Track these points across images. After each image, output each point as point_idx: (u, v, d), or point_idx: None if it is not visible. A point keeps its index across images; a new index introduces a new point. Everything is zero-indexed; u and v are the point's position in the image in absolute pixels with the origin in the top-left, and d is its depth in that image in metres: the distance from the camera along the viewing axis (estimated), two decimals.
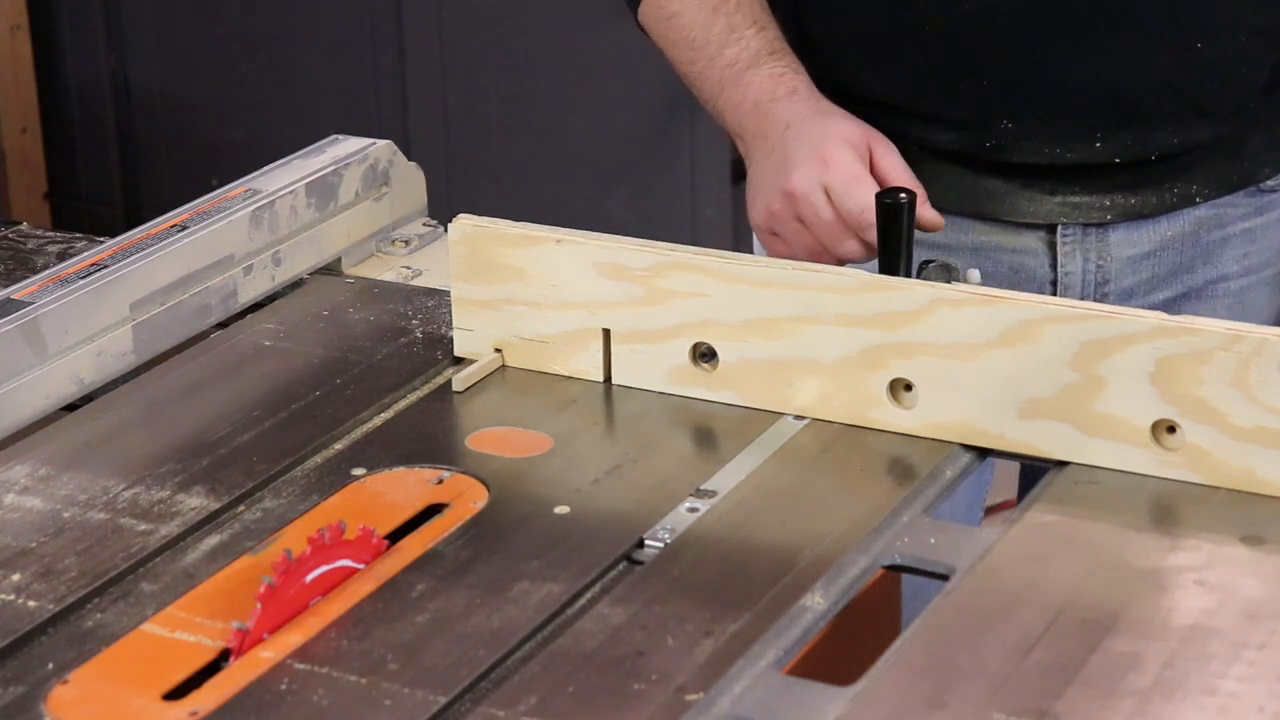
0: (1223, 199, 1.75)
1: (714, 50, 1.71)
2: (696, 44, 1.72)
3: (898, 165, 1.63)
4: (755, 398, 1.47)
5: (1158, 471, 1.36)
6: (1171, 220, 1.74)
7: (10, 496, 1.39)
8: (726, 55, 1.71)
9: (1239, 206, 1.76)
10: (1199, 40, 1.66)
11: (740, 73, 1.69)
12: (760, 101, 1.68)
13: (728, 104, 1.70)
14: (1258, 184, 1.76)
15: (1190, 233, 1.75)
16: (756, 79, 1.69)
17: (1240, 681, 1.15)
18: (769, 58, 1.70)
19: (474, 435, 1.45)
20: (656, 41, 1.78)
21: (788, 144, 1.64)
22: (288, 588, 1.23)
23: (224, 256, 1.64)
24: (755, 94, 1.68)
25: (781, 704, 1.15)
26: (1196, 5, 1.66)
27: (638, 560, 1.30)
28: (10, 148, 4.09)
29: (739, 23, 1.71)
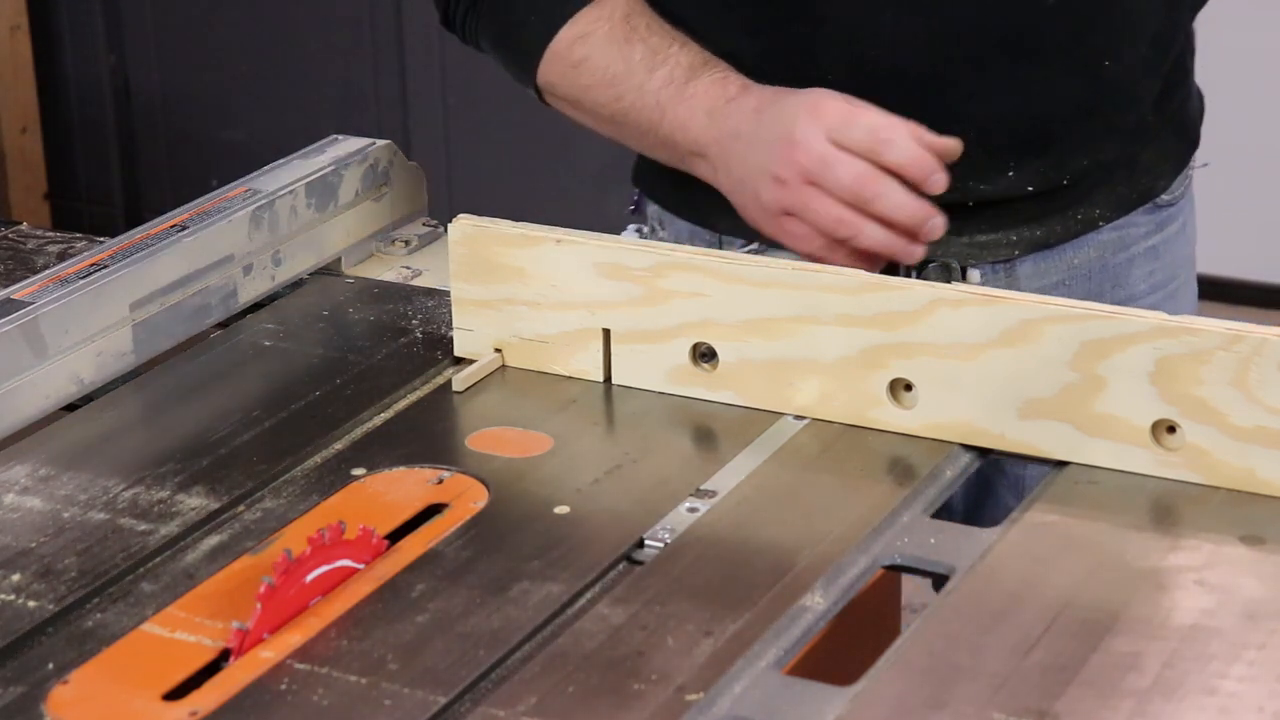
0: (1124, 219, 1.72)
1: (640, 78, 1.59)
2: (618, 79, 1.60)
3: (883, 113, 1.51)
4: (755, 398, 1.47)
5: (1158, 471, 1.36)
6: (1077, 248, 1.71)
7: (10, 496, 1.39)
8: (657, 77, 1.58)
9: (1140, 225, 1.74)
10: (1106, 57, 1.64)
11: (680, 89, 1.57)
12: (713, 108, 1.56)
13: (674, 125, 1.58)
14: (1154, 198, 1.74)
15: (1096, 258, 1.72)
16: (700, 89, 1.57)
17: (1240, 681, 1.15)
18: (704, 67, 1.58)
19: (474, 435, 1.45)
20: (566, 98, 1.65)
21: (765, 121, 1.52)
22: (288, 588, 1.23)
23: (224, 256, 1.64)
24: (705, 103, 1.56)
25: (781, 704, 1.15)
26: (1101, 22, 1.63)
27: (638, 560, 1.30)
28: (10, 148, 4.09)
29: (657, 45, 1.60)
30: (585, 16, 1.62)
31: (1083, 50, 1.63)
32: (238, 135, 3.98)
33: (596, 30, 1.61)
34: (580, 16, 1.62)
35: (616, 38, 1.61)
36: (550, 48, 1.63)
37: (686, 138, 1.57)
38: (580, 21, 1.62)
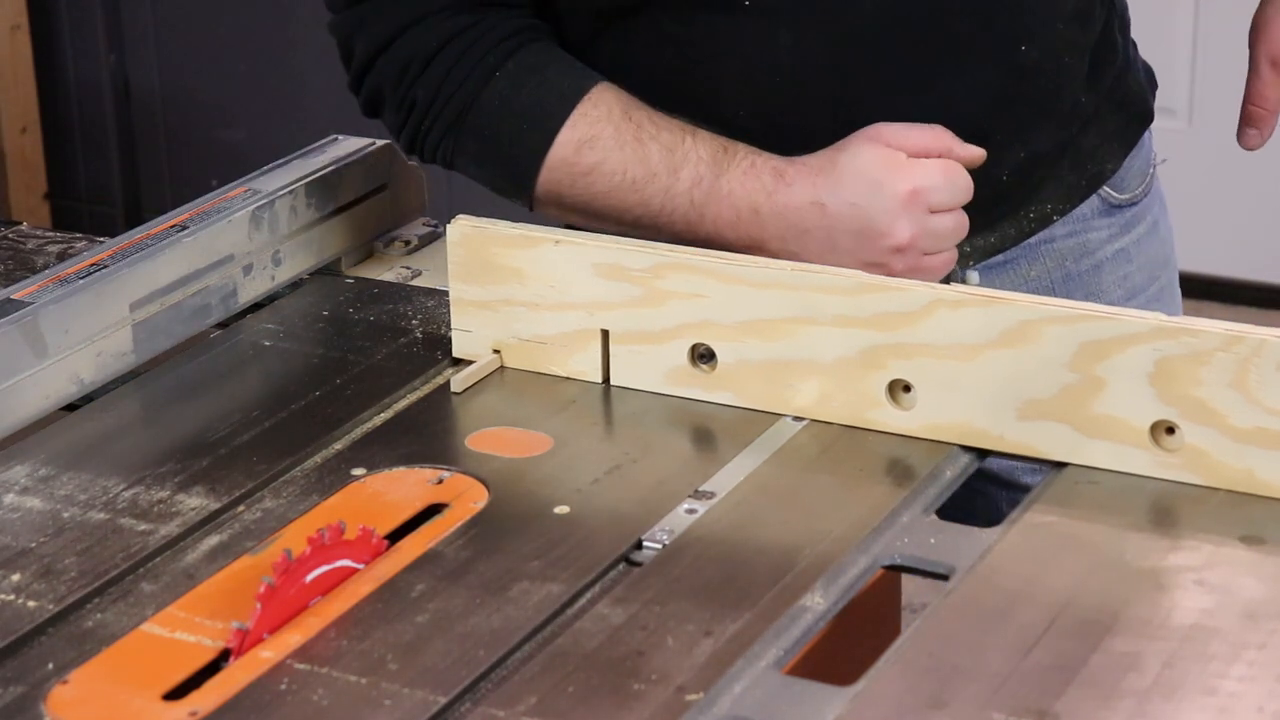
0: (1080, 225, 1.69)
1: (666, 181, 1.54)
2: (639, 182, 1.55)
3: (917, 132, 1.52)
4: (754, 399, 1.47)
5: (1157, 472, 1.36)
6: (1031, 260, 1.68)
7: (10, 496, 1.39)
8: (684, 179, 1.54)
9: (1100, 229, 1.71)
10: (1021, 42, 1.60)
11: (712, 188, 1.53)
12: (759, 206, 1.53)
13: (720, 224, 1.53)
14: (1105, 183, 1.71)
15: (1055, 268, 1.69)
16: (734, 185, 1.53)
17: (1240, 681, 1.15)
18: (726, 157, 1.54)
19: (474, 435, 1.45)
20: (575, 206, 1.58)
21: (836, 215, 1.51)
22: (288, 588, 1.23)
23: (224, 256, 1.64)
24: (746, 200, 1.53)
25: (781, 704, 1.15)
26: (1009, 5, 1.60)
27: (636, 562, 1.30)
28: (10, 148, 4.09)
29: (671, 141, 1.55)
30: (583, 119, 1.56)
31: (992, 38, 1.59)
32: (238, 135, 3.98)
33: (602, 134, 1.55)
34: (577, 119, 1.56)
35: (626, 140, 1.55)
36: (551, 155, 1.56)
37: (738, 234, 1.54)
38: (579, 125, 1.56)
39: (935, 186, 1.51)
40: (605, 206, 1.57)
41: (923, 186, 1.50)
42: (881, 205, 1.50)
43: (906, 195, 1.50)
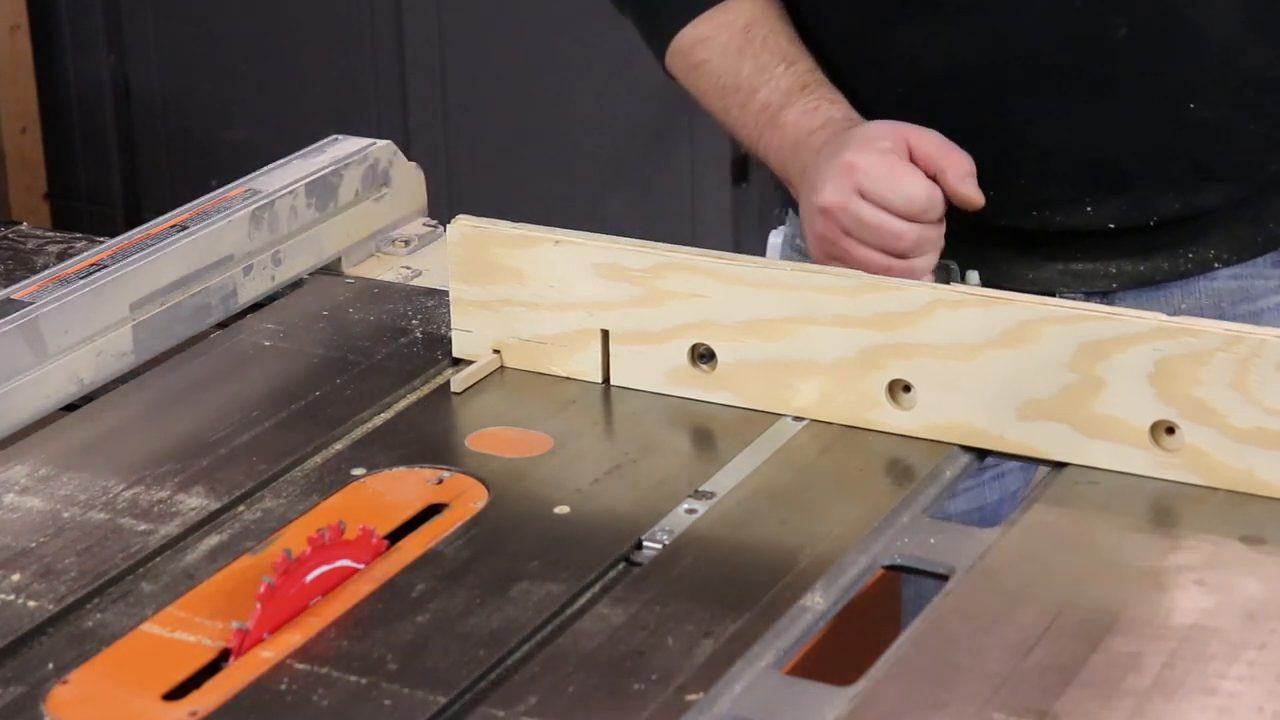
0: (1247, 269, 1.65)
1: (745, 96, 1.64)
2: (727, 90, 1.66)
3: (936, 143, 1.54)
4: (754, 399, 1.47)
5: (1157, 472, 1.36)
6: (1186, 291, 1.66)
7: (10, 496, 1.39)
8: (759, 99, 1.63)
9: (1270, 278, 1.67)
10: (1191, 99, 1.57)
11: (774, 116, 1.62)
12: (797, 141, 1.61)
13: (768, 149, 1.64)
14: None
15: (1210, 305, 1.66)
16: (791, 118, 1.62)
17: (1240, 681, 1.15)
18: (800, 93, 1.62)
19: (474, 435, 1.45)
20: (687, 91, 1.71)
21: (818, 166, 1.57)
22: (288, 588, 1.23)
23: (224, 256, 1.64)
24: (792, 134, 1.61)
25: (781, 704, 1.15)
26: (1182, 59, 1.56)
27: (636, 562, 1.30)
28: (10, 148, 4.09)
29: (766, 62, 1.64)
30: (711, 20, 1.65)
31: (1160, 88, 1.57)
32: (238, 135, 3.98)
33: (718, 36, 1.64)
34: (706, 18, 1.65)
35: (733, 48, 1.64)
36: (675, 43, 1.67)
37: (776, 164, 1.64)
38: (704, 23, 1.65)
39: (872, 173, 1.52)
40: (704, 103, 1.68)
41: (859, 164, 1.53)
42: (827, 165, 1.55)
43: (844, 164, 1.53)
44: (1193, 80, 1.58)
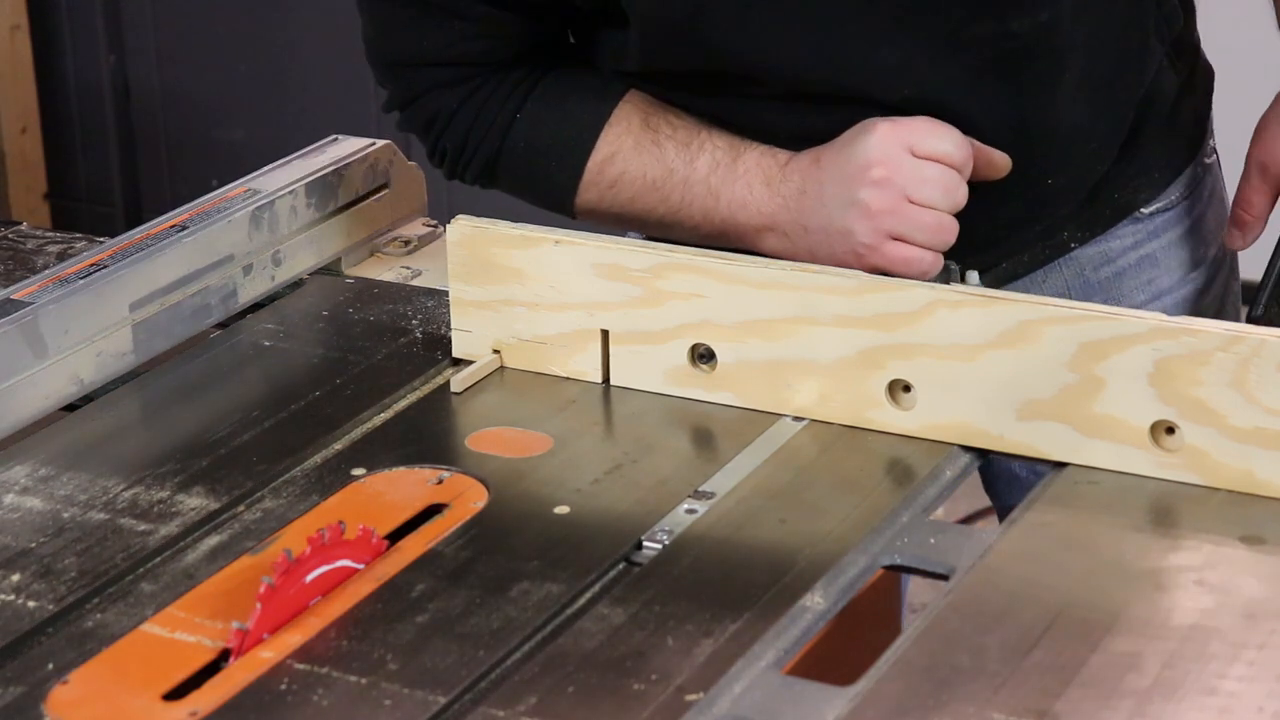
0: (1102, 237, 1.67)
1: (684, 173, 1.56)
2: (659, 182, 1.57)
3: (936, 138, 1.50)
4: (754, 399, 1.47)
5: (1157, 473, 1.36)
6: (1048, 272, 1.66)
7: (10, 496, 1.39)
8: (700, 166, 1.56)
9: (1123, 237, 1.68)
10: (1049, 175, 1.59)
11: (729, 170, 1.55)
12: (770, 177, 1.54)
13: (732, 204, 1.54)
14: (1135, 211, 1.68)
15: (1074, 276, 1.68)
16: (750, 163, 1.55)
17: (1240, 681, 1.15)
18: (744, 145, 1.56)
19: (474, 435, 1.45)
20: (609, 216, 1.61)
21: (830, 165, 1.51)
22: (288, 588, 1.23)
23: (224, 256, 1.64)
24: (759, 175, 1.54)
25: (781, 704, 1.15)
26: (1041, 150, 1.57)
27: (636, 561, 1.30)
28: (10, 148, 4.09)
29: (686, 137, 1.57)
30: (606, 138, 1.58)
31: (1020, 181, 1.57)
32: (238, 135, 3.98)
33: (623, 147, 1.58)
34: (601, 141, 1.58)
35: (644, 144, 1.57)
36: (584, 180, 1.59)
37: (749, 213, 1.54)
38: (603, 145, 1.58)
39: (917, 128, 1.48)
40: (635, 212, 1.59)
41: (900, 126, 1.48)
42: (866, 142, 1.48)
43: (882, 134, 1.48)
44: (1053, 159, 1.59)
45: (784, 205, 1.53)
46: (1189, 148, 1.72)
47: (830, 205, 1.50)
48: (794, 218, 1.52)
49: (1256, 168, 1.65)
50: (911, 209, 1.48)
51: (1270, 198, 1.65)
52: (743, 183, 1.54)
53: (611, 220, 1.62)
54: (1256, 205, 1.66)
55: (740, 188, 1.54)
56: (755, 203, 1.54)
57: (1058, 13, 1.53)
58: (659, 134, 1.57)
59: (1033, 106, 1.56)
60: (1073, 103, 1.57)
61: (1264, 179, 1.65)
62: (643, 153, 1.57)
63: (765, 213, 1.54)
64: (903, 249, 1.48)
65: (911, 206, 1.48)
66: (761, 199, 1.54)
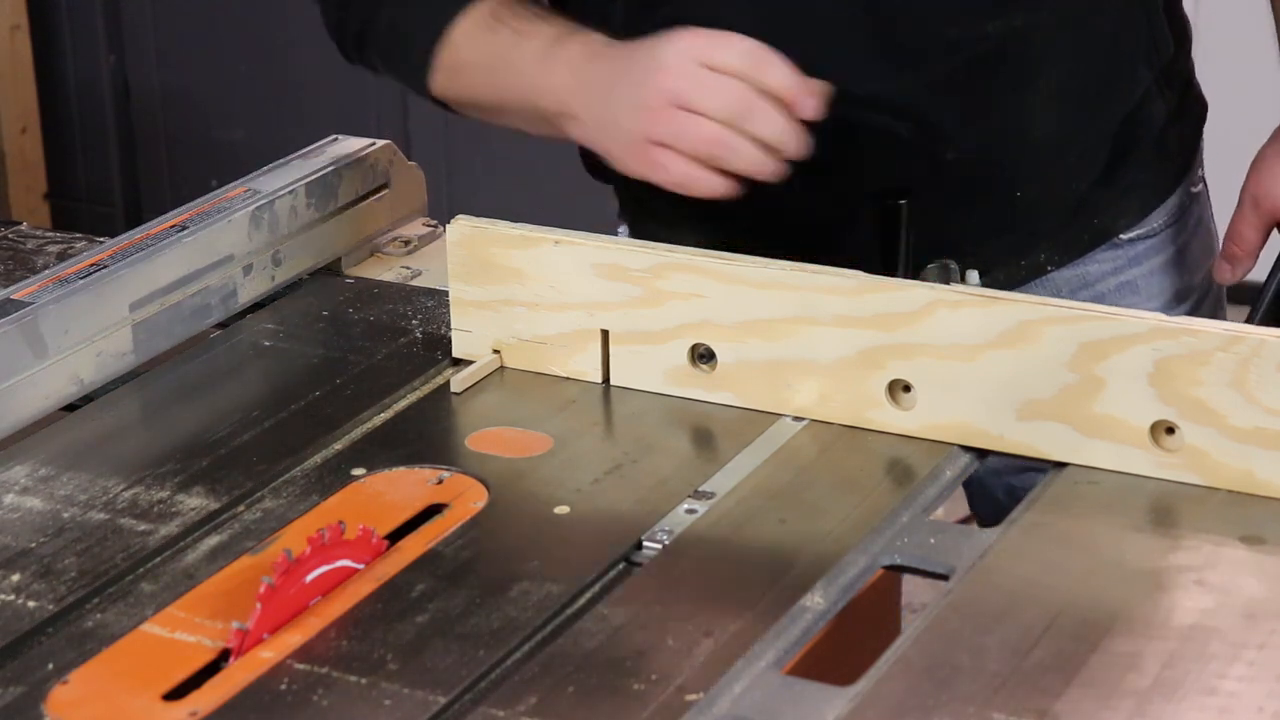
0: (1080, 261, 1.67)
1: (511, 58, 1.58)
2: (493, 67, 1.59)
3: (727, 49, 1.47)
4: (754, 399, 1.47)
5: (1157, 473, 1.36)
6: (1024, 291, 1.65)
7: (10, 496, 1.39)
8: (526, 53, 1.56)
9: (1103, 262, 1.69)
10: (1018, 186, 1.59)
11: (546, 58, 1.55)
12: (578, 66, 1.53)
13: (544, 92, 1.55)
14: (1114, 237, 1.68)
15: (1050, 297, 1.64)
16: (566, 52, 1.54)
17: (1240, 681, 1.15)
18: (571, 34, 1.56)
19: (474, 435, 1.45)
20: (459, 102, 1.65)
21: (629, 59, 1.50)
22: (288, 588, 1.23)
23: (224, 256, 1.64)
24: (571, 64, 1.54)
25: (781, 704, 1.15)
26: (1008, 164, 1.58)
27: (636, 561, 1.30)
28: (10, 148, 4.09)
29: (522, 25, 1.58)
30: (459, 26, 1.61)
31: (989, 189, 1.58)
32: (238, 135, 3.99)
33: (469, 32, 1.61)
34: (454, 28, 1.61)
35: (483, 30, 1.60)
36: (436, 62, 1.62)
37: (555, 100, 1.55)
38: (454, 32, 1.61)
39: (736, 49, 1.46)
40: (476, 97, 1.62)
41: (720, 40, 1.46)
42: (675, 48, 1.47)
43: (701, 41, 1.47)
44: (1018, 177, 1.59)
45: (583, 90, 1.53)
46: (1175, 176, 1.71)
47: (616, 100, 1.51)
48: (588, 107, 1.53)
49: (1250, 201, 1.63)
50: (681, 115, 1.46)
51: (1263, 232, 1.64)
52: (556, 71, 1.54)
53: (466, 107, 1.66)
54: (1248, 239, 1.64)
55: (554, 76, 1.55)
56: (561, 90, 1.54)
57: (1034, 19, 1.53)
58: (499, 21, 1.59)
59: (1002, 112, 1.56)
60: (1046, 113, 1.57)
61: (1257, 213, 1.63)
62: (481, 38, 1.59)
63: (565, 100, 1.54)
64: (664, 154, 1.48)
65: (681, 113, 1.46)
66: (565, 87, 1.54)
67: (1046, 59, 1.56)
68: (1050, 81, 1.56)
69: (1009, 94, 1.56)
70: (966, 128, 1.54)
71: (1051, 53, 1.56)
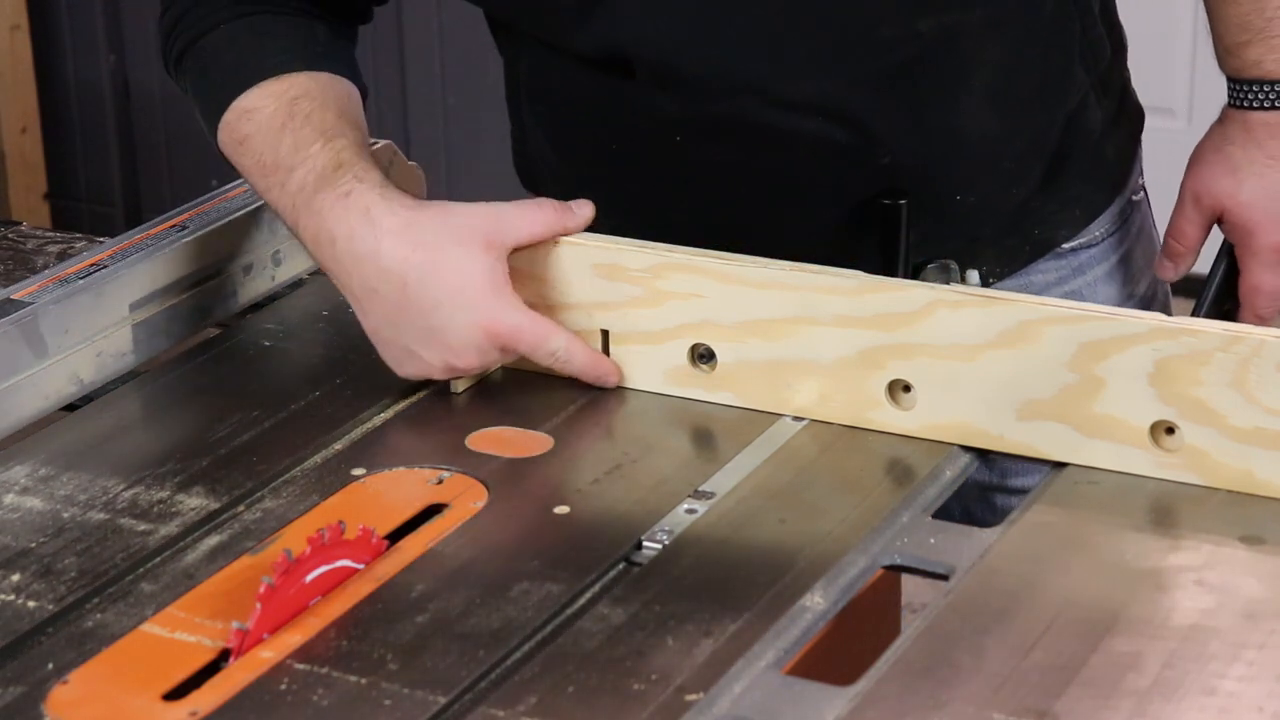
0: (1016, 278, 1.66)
1: (283, 175, 1.49)
2: (268, 168, 1.51)
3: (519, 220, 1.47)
4: (754, 399, 1.47)
5: (1157, 473, 1.36)
6: None
7: (10, 496, 1.39)
8: (295, 179, 1.48)
9: (1045, 273, 1.67)
10: (957, 191, 1.59)
11: (309, 198, 1.47)
12: (337, 238, 1.45)
13: (306, 234, 1.48)
14: (1056, 247, 1.66)
15: None
16: (325, 203, 1.46)
17: (1240, 681, 1.15)
18: (334, 173, 1.47)
19: (474, 435, 1.45)
20: (238, 168, 1.56)
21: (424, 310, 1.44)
22: (288, 588, 1.23)
23: (224, 256, 1.64)
24: (329, 225, 1.46)
25: (781, 704, 1.15)
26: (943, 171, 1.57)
27: (636, 561, 1.30)
28: (10, 148, 4.09)
29: (305, 139, 1.50)
30: (262, 90, 1.54)
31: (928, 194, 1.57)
32: None
33: (263, 109, 1.53)
34: (259, 88, 1.53)
35: (275, 124, 1.52)
36: (225, 116, 1.55)
37: (319, 255, 1.49)
38: (255, 94, 1.53)
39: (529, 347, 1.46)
40: (249, 181, 1.55)
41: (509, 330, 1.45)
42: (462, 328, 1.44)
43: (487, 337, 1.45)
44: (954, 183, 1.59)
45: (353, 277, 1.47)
46: (1114, 185, 1.70)
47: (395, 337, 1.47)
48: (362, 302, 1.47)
49: (1190, 198, 1.63)
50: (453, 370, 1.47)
51: (1203, 229, 1.63)
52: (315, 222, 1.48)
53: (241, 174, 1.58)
54: (1189, 236, 1.63)
55: (312, 225, 1.48)
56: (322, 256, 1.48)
57: (966, 18, 1.53)
58: (291, 120, 1.51)
59: (936, 112, 1.55)
60: (981, 114, 1.57)
61: (1197, 209, 1.62)
62: (270, 131, 1.52)
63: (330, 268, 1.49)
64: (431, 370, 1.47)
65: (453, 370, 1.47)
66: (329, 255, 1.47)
67: (980, 59, 1.55)
68: (985, 82, 1.56)
69: (943, 95, 1.55)
70: (899, 126, 1.54)
71: (985, 53, 1.55)
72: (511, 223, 1.47)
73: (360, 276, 1.46)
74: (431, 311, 1.44)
